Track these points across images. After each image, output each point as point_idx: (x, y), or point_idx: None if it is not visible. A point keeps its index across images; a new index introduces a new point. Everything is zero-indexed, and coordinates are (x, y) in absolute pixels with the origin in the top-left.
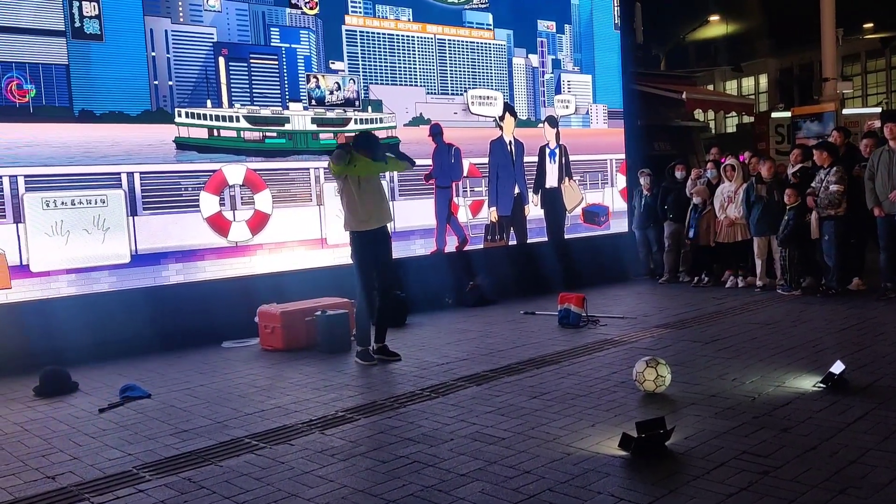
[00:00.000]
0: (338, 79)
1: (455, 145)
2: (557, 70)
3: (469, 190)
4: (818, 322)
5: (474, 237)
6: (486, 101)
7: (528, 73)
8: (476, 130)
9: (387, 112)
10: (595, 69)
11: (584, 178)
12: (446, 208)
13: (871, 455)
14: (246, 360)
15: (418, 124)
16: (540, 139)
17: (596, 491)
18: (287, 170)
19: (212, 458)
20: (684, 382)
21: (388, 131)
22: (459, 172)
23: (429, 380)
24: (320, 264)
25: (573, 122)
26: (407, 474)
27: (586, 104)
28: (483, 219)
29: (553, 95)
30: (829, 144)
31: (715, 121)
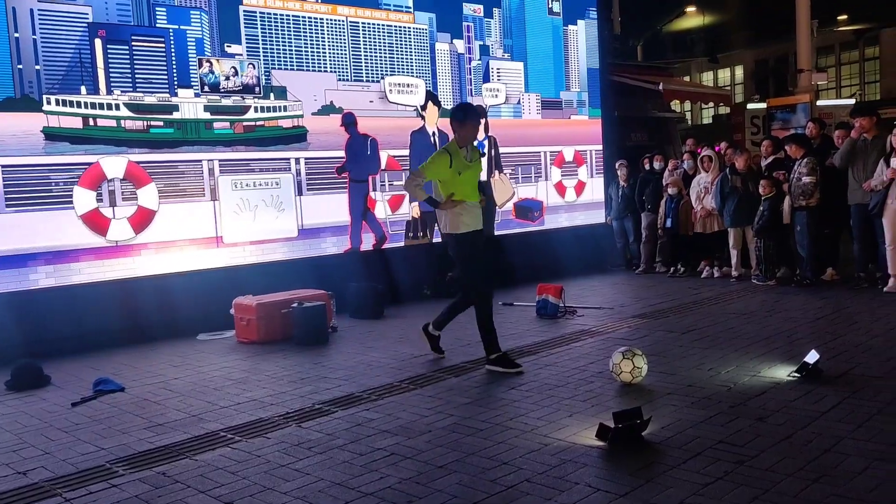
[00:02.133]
0: (235, 63)
1: (371, 136)
2: (486, 57)
3: (388, 184)
4: (793, 312)
5: (394, 234)
6: (405, 88)
7: (453, 59)
8: (395, 120)
9: (292, 100)
10: (527, 56)
11: (515, 171)
12: (362, 204)
13: (844, 444)
14: (221, 353)
15: (329, 113)
16: None
17: (573, 481)
18: (176, 162)
19: (186, 451)
20: (661, 372)
21: (293, 120)
22: (376, 165)
23: (406, 371)
24: (216, 265)
25: (503, 112)
26: (384, 467)
27: (518, 93)
28: (404, 215)
29: (481, 84)
30: (800, 136)
31: (691, 112)
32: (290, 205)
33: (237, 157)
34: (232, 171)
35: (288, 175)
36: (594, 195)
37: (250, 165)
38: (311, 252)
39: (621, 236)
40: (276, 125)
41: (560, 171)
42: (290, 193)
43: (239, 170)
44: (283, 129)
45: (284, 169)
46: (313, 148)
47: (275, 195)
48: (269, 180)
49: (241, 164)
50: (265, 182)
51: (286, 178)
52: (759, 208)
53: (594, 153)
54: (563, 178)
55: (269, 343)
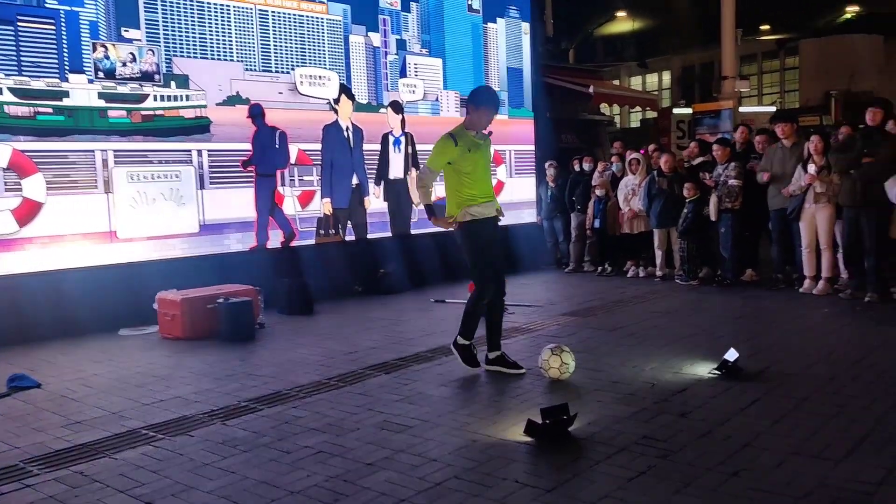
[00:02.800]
0: (133, 49)
1: (280, 129)
2: (403, 51)
3: (297, 179)
4: (714, 311)
5: (304, 231)
6: (317, 81)
7: (369, 53)
8: (306, 113)
9: (195, 89)
10: (445, 53)
11: None
12: (269, 199)
13: (761, 439)
14: (144, 349)
15: (234, 104)
16: (383, 126)
17: (501, 477)
18: (66, 152)
19: (106, 450)
20: (588, 369)
21: (196, 111)
22: (285, 159)
23: (336, 369)
24: (109, 261)
25: (421, 108)
26: (312, 465)
27: (436, 90)
28: (314, 211)
29: (398, 79)
30: (726, 140)
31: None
32: (192, 199)
33: (134, 148)
34: (128, 162)
35: (189, 167)
36: (515, 195)
37: (148, 157)
38: (214, 249)
39: (551, 235)
40: (176, 115)
41: (504, 168)
42: (192, 187)
43: (136, 161)
44: (184, 120)
45: (185, 161)
46: (217, 140)
47: (175, 188)
48: (169, 172)
49: (138, 155)
50: (164, 174)
51: (187, 170)
52: (684, 210)
53: (514, 153)
54: None
55: (195, 339)
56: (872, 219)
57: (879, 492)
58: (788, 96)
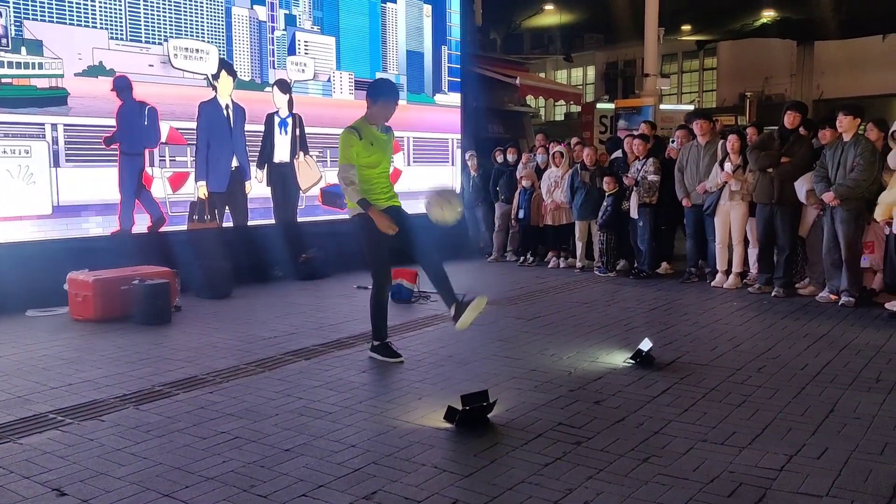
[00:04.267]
0: None
1: (149, 104)
2: (292, 27)
3: (168, 159)
4: (630, 302)
5: (175, 216)
6: (194, 54)
7: (253, 27)
8: (180, 88)
9: (49, 56)
10: (340, 31)
11: (323, 154)
12: (135, 180)
13: (672, 426)
14: (52, 331)
15: (97, 75)
16: (268, 105)
17: (420, 463)
18: None
19: (10, 434)
20: (507, 357)
21: (51, 80)
22: (154, 138)
23: (254, 354)
24: None
25: (311, 88)
26: (228, 450)
27: (328, 70)
28: (188, 195)
29: (286, 56)
30: (645, 136)
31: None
32: (44, 177)
33: None
34: None
35: (41, 143)
36: (413, 184)
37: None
38: (70, 233)
39: (473, 224)
40: (27, 84)
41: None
42: (44, 164)
43: None
44: (36, 90)
45: (37, 136)
46: (75, 113)
47: (23, 165)
48: (17, 147)
49: None
50: (11, 149)
51: (39, 145)
52: (603, 203)
53: (413, 140)
54: None
55: (107, 321)
56: (787, 216)
57: (780, 477)
58: (706, 96)
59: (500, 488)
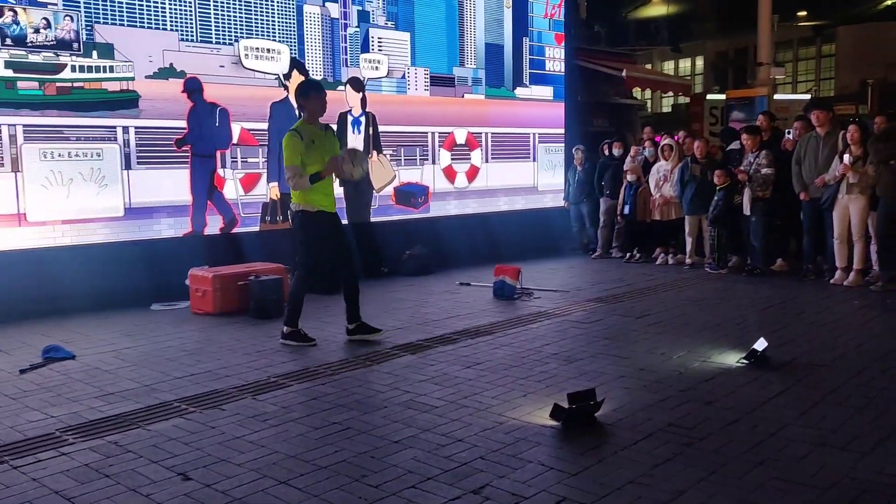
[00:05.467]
0: (47, 14)
1: (221, 105)
2: (365, 24)
3: (240, 160)
4: (743, 300)
5: (247, 217)
6: (265, 54)
7: (325, 24)
8: (252, 89)
9: (120, 59)
10: (415, 26)
11: (397, 152)
12: (206, 182)
13: (789, 429)
14: (175, 323)
15: (167, 77)
16: (340, 104)
17: (526, 459)
18: None
19: (139, 421)
20: (614, 356)
21: (122, 83)
22: (226, 139)
23: (362, 348)
24: (16, 246)
25: (385, 86)
26: (339, 441)
27: (403, 67)
28: (259, 196)
29: (359, 54)
30: (755, 128)
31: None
32: (115, 179)
33: (47, 123)
34: (40, 138)
35: (113, 145)
36: (491, 181)
37: (64, 133)
38: (142, 234)
39: (577, 220)
40: (98, 87)
41: (450, 155)
42: (116, 167)
43: (50, 137)
44: (107, 93)
45: (109, 138)
46: (146, 116)
47: (95, 168)
48: (89, 150)
49: (52, 130)
50: (83, 152)
51: (110, 148)
52: (714, 198)
53: (489, 136)
54: (453, 162)
55: (225, 315)
56: None
57: None
58: (824, 84)
59: (607, 488)
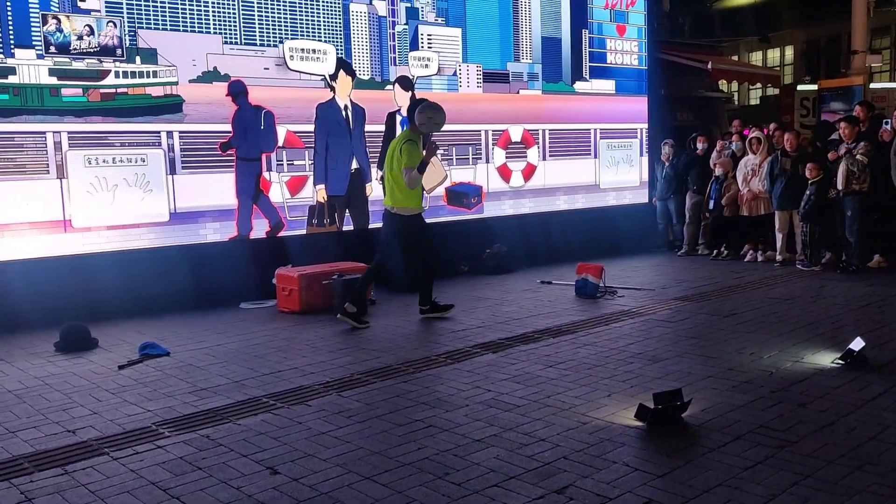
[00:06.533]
0: (90, 20)
1: (266, 108)
2: (414, 21)
3: (286, 163)
4: (838, 298)
5: (294, 220)
6: (311, 55)
7: (373, 23)
8: (297, 91)
9: (164, 64)
10: (466, 22)
11: (448, 152)
12: (252, 185)
13: (889, 432)
14: (262, 322)
15: (211, 81)
16: (388, 104)
17: (611, 460)
18: (13, 133)
19: (229, 416)
20: (701, 356)
21: (166, 88)
22: (272, 142)
23: (444, 346)
24: (62, 252)
25: (435, 84)
26: (422, 438)
27: (454, 64)
28: (306, 198)
29: (407, 52)
30: (854, 118)
31: (738, 92)
32: (160, 185)
33: (91, 129)
34: (85, 144)
35: (157, 150)
36: (549, 180)
37: (108, 139)
38: (187, 239)
39: (664, 217)
40: (142, 93)
41: (505, 154)
42: (160, 172)
43: (94, 143)
44: (150, 98)
45: (153, 144)
46: (190, 120)
47: (140, 173)
48: (133, 156)
49: (96, 136)
50: (127, 158)
51: (155, 153)
52: (806, 192)
53: (547, 132)
54: (508, 160)
55: (310, 313)
56: None
57: None
58: None
59: (696, 490)
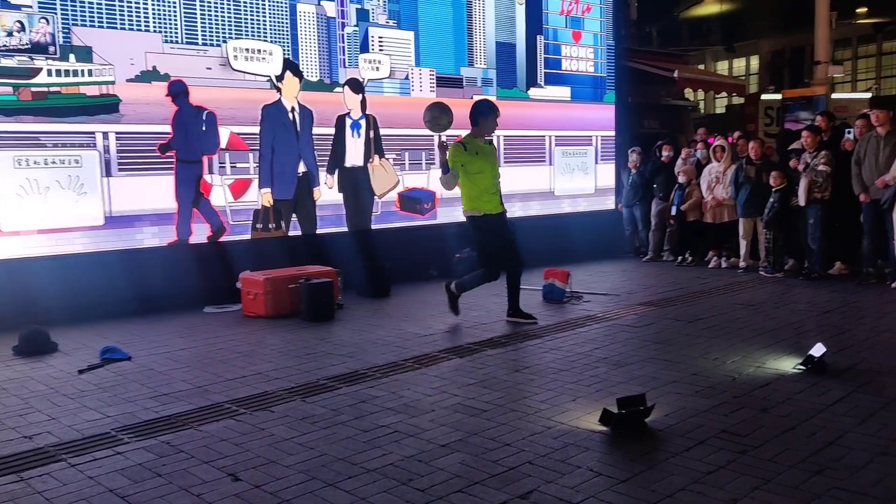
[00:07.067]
0: (21, 16)
1: (208, 109)
2: (364, 22)
3: (229, 166)
4: (800, 305)
5: (237, 225)
6: (256, 55)
7: (321, 24)
8: (241, 91)
9: (99, 63)
10: (419, 25)
11: (401, 156)
12: (192, 188)
13: (848, 437)
14: (227, 326)
15: (150, 80)
16: (338, 107)
17: (575, 465)
18: None
19: (191, 422)
20: (666, 360)
21: (101, 87)
22: (213, 144)
23: (411, 350)
24: None
25: (387, 87)
26: (387, 444)
27: (406, 67)
28: (251, 202)
29: (358, 54)
30: (816, 128)
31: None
32: (95, 187)
33: (22, 130)
34: (15, 145)
35: (92, 152)
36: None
37: (40, 140)
38: (123, 244)
39: (630, 223)
40: (76, 92)
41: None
42: (95, 174)
43: (25, 144)
44: (85, 98)
45: (88, 145)
46: (128, 121)
47: (73, 175)
48: (67, 157)
49: (27, 137)
50: (60, 160)
51: (89, 155)
52: (770, 200)
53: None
54: None
55: (276, 318)
56: None
57: None
58: (885, 83)
59: (658, 495)
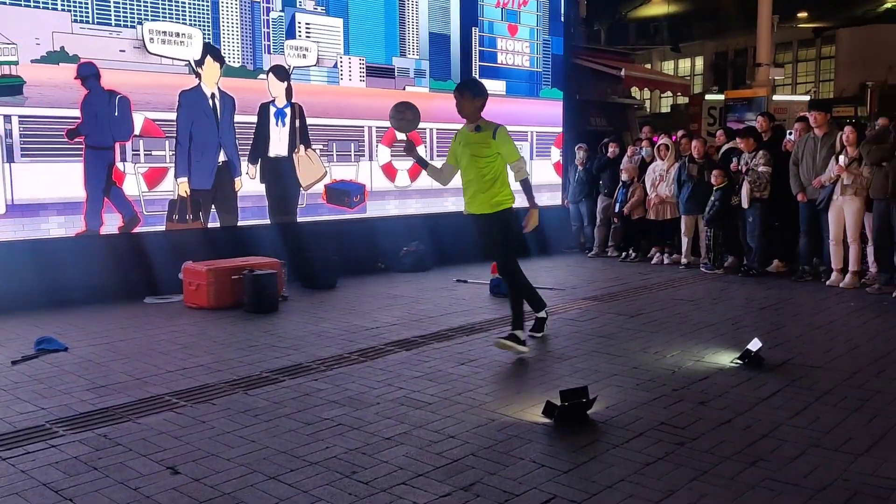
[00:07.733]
0: None
1: (120, 93)
2: (291, 8)
3: (143, 154)
4: (738, 301)
5: (152, 216)
6: (173, 38)
7: (244, 8)
8: (158, 76)
9: (3, 42)
10: (349, 12)
11: (328, 147)
12: (102, 176)
13: (782, 430)
14: (169, 317)
15: (58, 62)
16: (261, 94)
17: (518, 457)
18: None
19: (129, 414)
20: (608, 354)
21: (3, 67)
22: (126, 130)
23: (357, 343)
24: None
25: (314, 75)
26: (331, 437)
27: (335, 56)
28: (167, 192)
29: (283, 40)
30: (753, 129)
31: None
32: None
33: None
34: None
35: None
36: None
37: None
38: (27, 234)
39: (576, 219)
40: None
41: (390, 151)
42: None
43: None
44: None
45: None
46: (32, 104)
47: None
48: None
49: None
50: None
51: None
52: (711, 198)
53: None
54: (394, 158)
55: (219, 309)
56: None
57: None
58: (823, 86)
59: (599, 486)
